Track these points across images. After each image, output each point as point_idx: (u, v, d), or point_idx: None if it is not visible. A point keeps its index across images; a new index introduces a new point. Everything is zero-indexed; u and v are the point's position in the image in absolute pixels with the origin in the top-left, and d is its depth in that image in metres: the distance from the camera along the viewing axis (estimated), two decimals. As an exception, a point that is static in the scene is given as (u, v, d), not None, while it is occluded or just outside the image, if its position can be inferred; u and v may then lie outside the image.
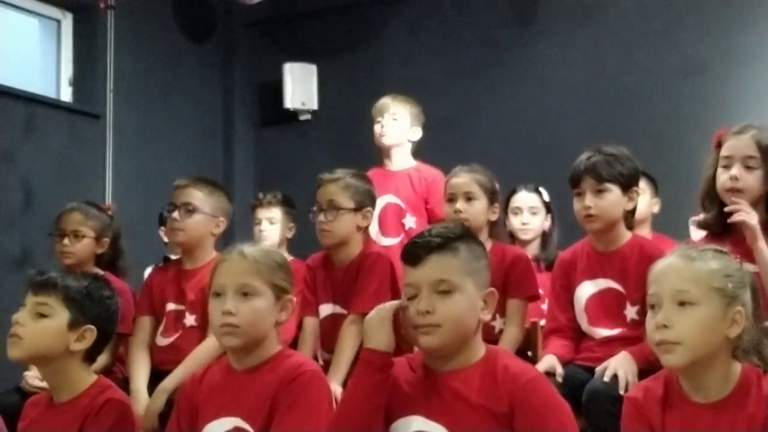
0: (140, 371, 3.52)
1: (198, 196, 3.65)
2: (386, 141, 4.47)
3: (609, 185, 3.18)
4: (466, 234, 2.29)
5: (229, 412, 2.42)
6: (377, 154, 4.60)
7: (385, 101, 4.56)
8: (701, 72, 5.31)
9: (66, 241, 3.84)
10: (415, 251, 2.23)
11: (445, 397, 2.17)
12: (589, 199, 3.17)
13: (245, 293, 2.45)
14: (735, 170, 3.04)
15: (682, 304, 2.11)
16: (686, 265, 2.15)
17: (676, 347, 2.09)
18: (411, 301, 2.22)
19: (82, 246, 3.86)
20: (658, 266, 2.20)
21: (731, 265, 2.19)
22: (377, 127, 4.53)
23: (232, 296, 2.43)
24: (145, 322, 3.67)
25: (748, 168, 3.04)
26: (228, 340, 2.44)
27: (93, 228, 3.89)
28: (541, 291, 3.62)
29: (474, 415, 2.13)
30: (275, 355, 2.48)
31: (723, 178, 3.07)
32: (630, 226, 3.27)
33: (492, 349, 2.28)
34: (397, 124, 4.49)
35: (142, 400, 3.38)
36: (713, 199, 3.12)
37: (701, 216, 3.17)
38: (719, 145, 3.12)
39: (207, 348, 3.41)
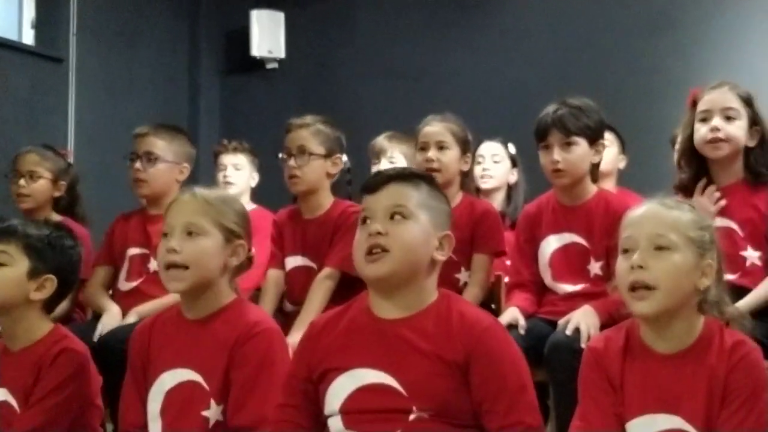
0: (108, 300, 3.51)
1: (159, 145, 3.61)
2: None
3: (576, 138, 3.15)
4: (432, 179, 2.27)
5: (182, 363, 2.39)
6: (345, 109, 4.53)
7: (382, 143, 4.44)
8: (671, 28, 5.32)
9: (22, 181, 3.80)
10: (376, 178, 2.22)
11: (394, 345, 2.12)
12: (557, 153, 3.14)
13: (190, 232, 2.41)
14: (715, 121, 3.04)
15: (659, 248, 2.12)
16: (665, 212, 2.18)
17: (649, 294, 2.10)
18: (363, 226, 2.17)
19: (39, 187, 3.81)
20: (635, 212, 2.21)
21: (705, 220, 2.23)
22: (375, 170, 4.38)
23: (178, 235, 2.40)
24: (104, 272, 3.65)
25: (728, 119, 3.05)
26: (174, 285, 2.40)
27: (49, 169, 3.84)
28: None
29: (426, 363, 2.08)
30: (228, 305, 2.44)
31: (703, 131, 3.07)
32: (595, 180, 3.25)
33: (444, 293, 2.22)
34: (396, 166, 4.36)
35: (113, 311, 3.39)
36: (691, 159, 3.13)
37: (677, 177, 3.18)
38: (694, 104, 3.12)
39: None
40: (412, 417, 2.07)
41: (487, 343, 2.10)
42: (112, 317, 3.38)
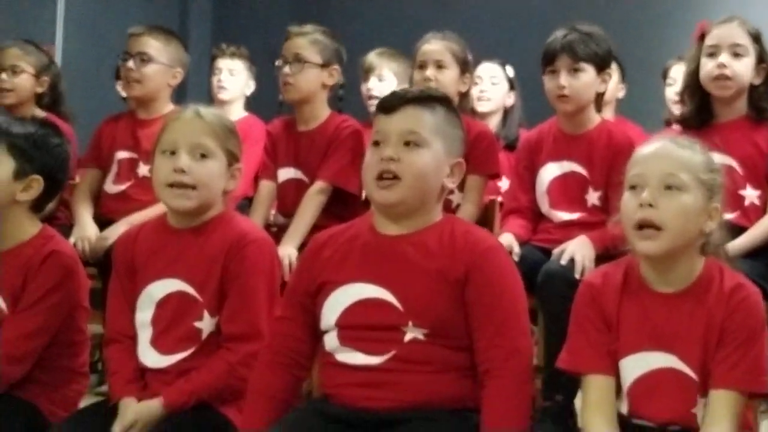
0: (86, 212, 3.47)
1: (154, 45, 3.54)
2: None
3: (584, 65, 3.11)
4: (447, 100, 2.23)
5: (171, 273, 2.37)
6: (341, 22, 4.44)
7: (372, 60, 4.36)
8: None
9: (4, 76, 3.75)
10: (392, 100, 2.17)
11: (394, 261, 2.11)
12: (564, 79, 3.10)
13: (201, 154, 2.36)
14: (723, 57, 2.99)
15: (669, 188, 2.08)
16: (677, 151, 2.12)
17: (656, 234, 2.06)
18: (375, 148, 2.14)
19: (21, 81, 3.76)
20: (646, 148, 2.16)
21: (715, 162, 2.18)
22: (363, 89, 4.38)
23: (186, 155, 2.35)
24: (91, 174, 3.61)
25: (736, 55, 3.01)
26: (180, 203, 2.35)
27: (31, 64, 3.79)
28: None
29: (425, 279, 2.08)
30: (217, 217, 2.41)
31: (709, 66, 3.02)
32: (598, 109, 3.22)
33: (449, 215, 2.23)
34: (383, 86, 4.30)
35: (87, 226, 3.36)
36: (694, 93, 3.09)
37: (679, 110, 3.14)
38: (702, 38, 3.07)
39: None
40: (407, 337, 2.07)
41: (487, 261, 2.09)
42: (83, 231, 3.34)
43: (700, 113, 3.08)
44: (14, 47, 3.80)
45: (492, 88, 4.36)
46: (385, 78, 4.34)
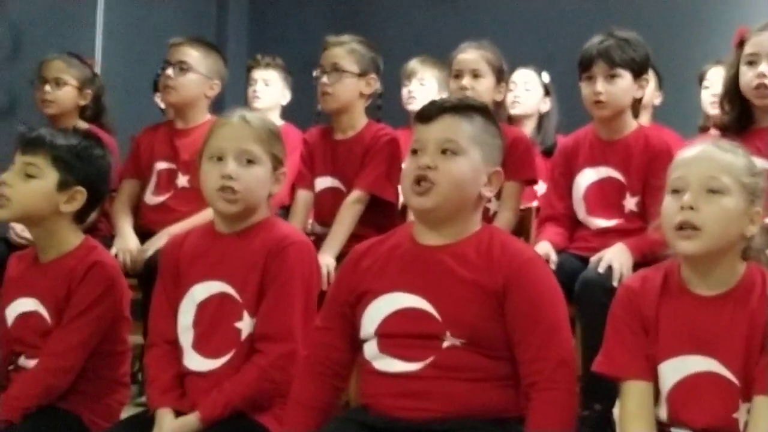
0: (126, 224, 3.53)
1: (193, 55, 3.59)
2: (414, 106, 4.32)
3: (621, 71, 3.11)
4: (486, 109, 2.24)
5: (214, 275, 2.39)
6: (378, 31, 4.47)
7: (414, 65, 4.46)
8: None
9: (47, 88, 3.80)
10: (431, 108, 2.19)
11: (433, 271, 2.12)
12: (600, 85, 3.10)
13: (247, 160, 2.39)
14: (763, 67, 2.95)
15: (711, 191, 2.07)
16: (720, 154, 2.11)
17: (696, 234, 2.05)
18: (413, 156, 2.15)
19: (64, 94, 3.81)
20: (688, 152, 2.15)
21: (757, 166, 2.16)
22: (404, 92, 4.46)
23: (233, 161, 2.38)
24: (130, 185, 3.65)
25: None
26: (226, 207, 2.38)
27: (75, 77, 3.84)
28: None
29: (463, 290, 2.08)
30: (261, 222, 2.44)
31: (749, 75, 2.98)
32: (636, 115, 3.21)
33: (487, 225, 2.24)
34: (425, 90, 4.38)
35: (129, 238, 3.42)
36: (734, 100, 3.05)
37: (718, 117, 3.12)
38: (741, 44, 3.04)
39: None
40: (445, 344, 2.07)
41: (527, 273, 2.09)
42: (124, 243, 3.41)
43: (740, 120, 3.05)
44: (58, 60, 3.85)
45: (525, 93, 4.40)
46: (426, 83, 4.39)
